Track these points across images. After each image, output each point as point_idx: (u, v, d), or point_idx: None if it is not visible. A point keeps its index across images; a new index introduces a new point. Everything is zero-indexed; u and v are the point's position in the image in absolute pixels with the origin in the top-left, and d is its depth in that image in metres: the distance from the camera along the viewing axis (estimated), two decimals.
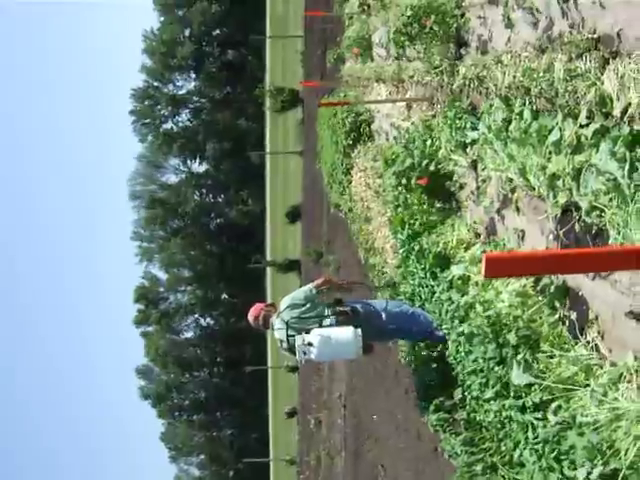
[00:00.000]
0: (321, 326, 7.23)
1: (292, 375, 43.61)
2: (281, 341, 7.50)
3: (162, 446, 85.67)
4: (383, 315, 7.53)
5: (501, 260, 2.47)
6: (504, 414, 5.18)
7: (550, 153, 4.85)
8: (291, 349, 7.33)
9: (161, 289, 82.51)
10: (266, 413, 68.83)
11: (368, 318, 7.42)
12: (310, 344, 6.95)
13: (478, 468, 6.45)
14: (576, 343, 4.85)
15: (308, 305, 7.47)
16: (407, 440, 10.08)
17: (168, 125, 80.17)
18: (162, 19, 78.10)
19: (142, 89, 77.98)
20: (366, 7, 13.94)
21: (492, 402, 5.36)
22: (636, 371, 4.11)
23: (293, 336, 7.17)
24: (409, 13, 8.06)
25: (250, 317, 7.90)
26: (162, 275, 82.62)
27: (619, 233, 3.96)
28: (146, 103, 78.04)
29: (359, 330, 7.02)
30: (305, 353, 6.99)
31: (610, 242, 4.21)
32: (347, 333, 7.01)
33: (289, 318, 7.37)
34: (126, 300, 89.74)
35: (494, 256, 2.38)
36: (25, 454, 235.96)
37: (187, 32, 77.40)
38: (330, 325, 7.27)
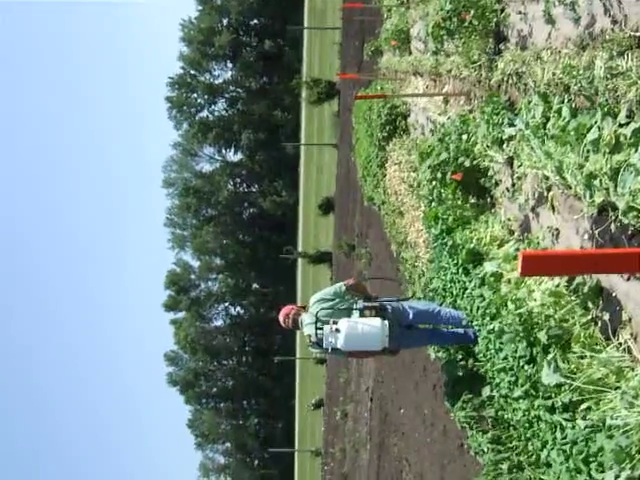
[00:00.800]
0: (349, 317, 7.24)
1: (320, 367, 43.72)
2: (309, 336, 7.50)
3: (188, 433, 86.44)
4: (410, 313, 7.51)
5: (538, 258, 2.44)
6: (532, 413, 5.15)
7: (588, 152, 4.79)
8: (319, 343, 7.34)
9: (192, 276, 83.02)
10: (293, 404, 69.09)
11: (395, 315, 7.40)
12: (338, 330, 6.96)
13: (504, 467, 6.42)
14: (608, 344, 4.79)
15: (337, 300, 7.49)
16: (433, 435, 10.06)
17: (204, 114, 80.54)
18: (200, 8, 78.38)
19: (179, 77, 78.30)
20: (405, 0, 13.89)
21: (521, 401, 5.33)
22: None
23: (321, 329, 7.18)
24: (448, 7, 8.00)
25: (280, 317, 7.93)
26: (194, 262, 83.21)
27: None
28: (183, 91, 78.38)
29: (386, 322, 7.03)
30: (332, 341, 7.00)
31: None
32: (375, 322, 7.03)
33: (318, 310, 7.38)
34: (158, 285, 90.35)
35: (531, 254, 2.34)
36: (52, 438, 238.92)
37: (225, 21, 77.68)
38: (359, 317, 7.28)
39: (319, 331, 7.23)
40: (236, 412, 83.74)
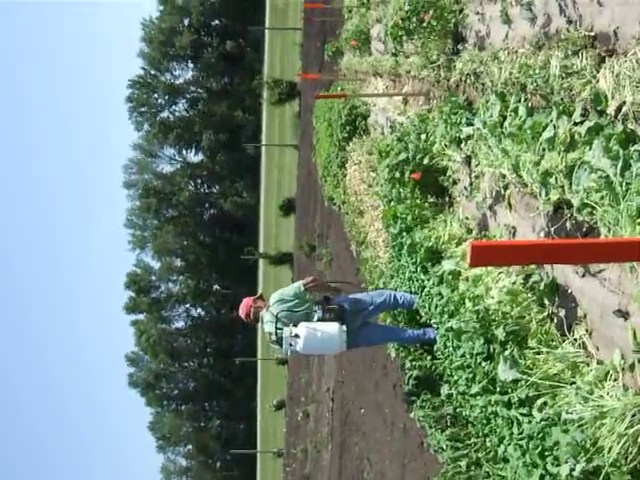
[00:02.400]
0: (308, 321, 7.32)
1: (281, 367, 43.66)
2: (270, 334, 7.60)
3: (149, 435, 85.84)
4: (370, 309, 7.62)
5: (487, 248, 2.44)
6: (490, 410, 5.18)
7: (544, 150, 4.85)
8: (279, 342, 7.42)
9: (153, 277, 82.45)
10: (254, 405, 68.92)
11: (355, 315, 7.49)
12: (297, 336, 7.07)
13: (463, 464, 6.46)
14: (564, 340, 4.85)
15: (297, 301, 7.55)
16: (394, 434, 10.09)
17: (165, 114, 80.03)
18: (161, 8, 77.91)
19: (140, 77, 77.77)
20: (365, 0, 13.93)
21: (478, 397, 5.36)
22: (622, 369, 4.12)
23: (281, 329, 7.28)
24: (407, 7, 8.04)
25: (241, 312, 8.00)
26: (154, 264, 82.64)
27: (610, 231, 3.96)
28: (143, 91, 77.85)
29: (344, 326, 7.14)
30: (291, 345, 7.11)
31: None
32: (333, 328, 7.13)
33: (278, 311, 7.46)
34: (118, 287, 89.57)
35: (480, 244, 2.35)
36: (9, 436, 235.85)
37: (186, 21, 77.26)
38: (317, 321, 7.37)
39: (279, 331, 7.32)
40: (197, 414, 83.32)
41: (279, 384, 45.26)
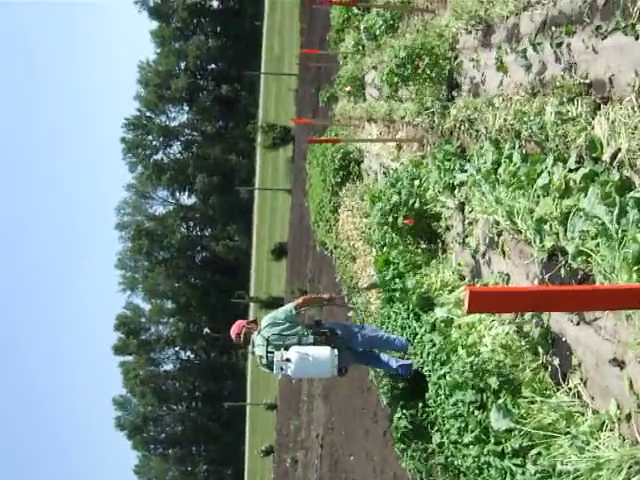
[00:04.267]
0: (300, 345, 7.26)
1: (270, 412, 43.28)
2: (260, 357, 7.55)
3: (135, 479, 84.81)
4: (359, 337, 7.55)
5: (485, 295, 2.39)
6: (483, 459, 5.09)
7: (538, 197, 4.82)
8: (269, 365, 7.38)
9: (143, 319, 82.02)
10: (242, 450, 68.19)
11: (345, 340, 7.44)
12: (288, 360, 7.00)
13: None
14: (558, 389, 4.78)
15: (288, 324, 7.50)
16: None
17: (158, 156, 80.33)
18: (158, 51, 78.61)
19: (135, 118, 78.16)
20: (361, 47, 14.04)
21: (471, 447, 5.27)
22: (619, 419, 4.04)
23: (272, 353, 7.23)
24: (403, 54, 8.09)
25: (232, 334, 7.95)
26: (145, 305, 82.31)
27: (605, 278, 3.92)
28: (138, 132, 78.18)
29: (335, 350, 7.07)
30: (282, 369, 7.05)
31: None
32: (324, 352, 7.05)
33: (269, 335, 7.41)
34: (108, 327, 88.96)
35: (478, 290, 2.29)
36: None
37: (182, 65, 77.92)
38: (308, 344, 7.31)
39: (270, 355, 7.28)
40: (185, 458, 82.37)
41: (268, 429, 44.82)
